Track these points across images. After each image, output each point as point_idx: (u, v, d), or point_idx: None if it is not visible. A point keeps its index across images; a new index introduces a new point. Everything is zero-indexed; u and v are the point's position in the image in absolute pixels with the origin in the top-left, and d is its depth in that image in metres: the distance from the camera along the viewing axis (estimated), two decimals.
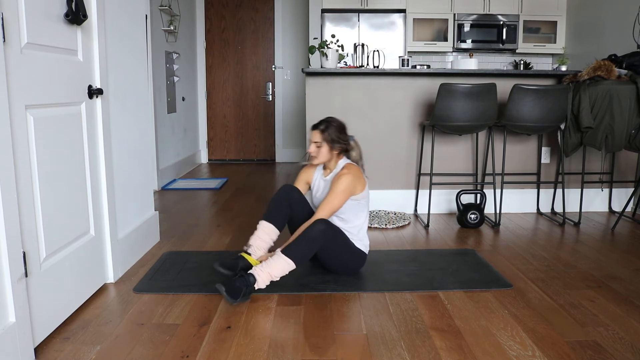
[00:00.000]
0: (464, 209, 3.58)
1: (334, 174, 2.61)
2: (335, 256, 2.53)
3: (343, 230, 2.56)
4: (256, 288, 2.32)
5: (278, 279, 2.36)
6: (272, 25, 6.73)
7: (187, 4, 6.19)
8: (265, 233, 2.57)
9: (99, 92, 2.34)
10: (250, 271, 2.33)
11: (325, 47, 3.81)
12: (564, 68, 4.80)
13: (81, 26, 2.22)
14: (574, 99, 3.52)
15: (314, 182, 2.73)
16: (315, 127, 2.59)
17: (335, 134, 2.56)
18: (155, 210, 3.22)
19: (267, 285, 2.35)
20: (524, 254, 3.01)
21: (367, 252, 2.64)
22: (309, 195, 2.79)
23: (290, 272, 2.41)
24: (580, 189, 3.86)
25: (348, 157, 2.66)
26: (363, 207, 2.61)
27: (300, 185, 2.74)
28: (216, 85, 6.82)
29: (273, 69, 6.82)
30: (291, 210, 2.63)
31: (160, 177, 5.04)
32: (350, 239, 2.56)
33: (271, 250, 2.62)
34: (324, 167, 2.71)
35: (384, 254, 2.96)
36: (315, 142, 2.57)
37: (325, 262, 2.57)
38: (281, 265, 2.33)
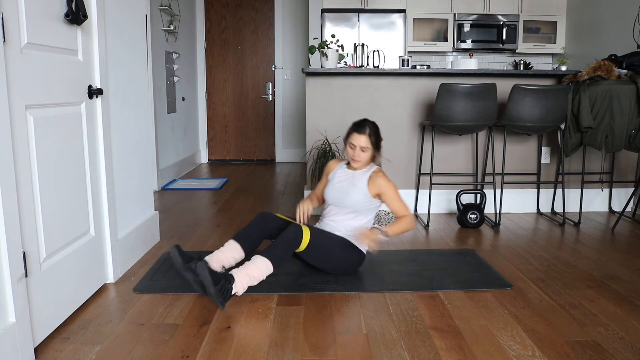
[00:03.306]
0: (464, 209, 3.58)
1: (362, 172, 2.61)
2: (328, 258, 2.54)
3: (345, 228, 2.57)
4: (238, 291, 2.29)
5: (256, 282, 2.33)
6: (272, 25, 6.73)
7: (187, 4, 6.18)
8: (230, 252, 2.47)
9: (99, 92, 2.34)
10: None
11: (325, 47, 3.81)
12: (564, 68, 4.80)
13: (81, 26, 2.22)
14: (574, 99, 3.52)
15: (335, 173, 2.71)
16: (362, 131, 2.52)
17: (379, 138, 2.59)
18: (155, 210, 3.22)
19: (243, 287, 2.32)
20: (524, 254, 3.01)
21: (365, 252, 2.64)
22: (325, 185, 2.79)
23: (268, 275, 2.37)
24: (580, 189, 3.86)
25: (374, 159, 2.65)
26: (375, 209, 2.64)
27: (324, 177, 2.78)
28: (216, 85, 6.82)
29: (273, 69, 6.82)
30: (268, 232, 2.59)
31: (160, 177, 5.04)
32: (348, 238, 2.57)
33: (229, 269, 2.44)
34: (348, 162, 2.71)
35: (384, 254, 2.96)
36: (362, 147, 2.52)
37: (321, 265, 2.57)
38: (259, 268, 2.32)
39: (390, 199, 2.58)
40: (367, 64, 5.23)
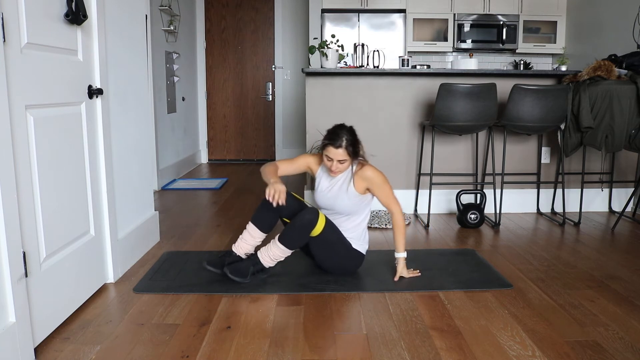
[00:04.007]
0: (464, 209, 3.58)
1: (346, 175, 2.55)
2: (331, 255, 2.54)
3: (342, 230, 2.56)
4: (266, 266, 2.54)
5: (274, 263, 2.53)
6: (272, 25, 6.73)
7: (187, 4, 6.18)
8: (251, 236, 2.60)
9: (99, 92, 2.34)
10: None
11: (325, 47, 3.81)
12: (564, 68, 4.80)
13: (81, 26, 2.22)
14: (574, 99, 3.52)
15: (319, 178, 2.65)
16: (338, 145, 2.43)
17: (355, 144, 2.50)
18: (155, 210, 3.22)
19: (269, 266, 2.54)
20: (524, 254, 3.01)
21: (364, 252, 2.64)
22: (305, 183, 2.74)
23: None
24: (580, 189, 3.86)
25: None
26: (368, 204, 2.61)
27: (297, 165, 2.68)
28: (216, 85, 6.82)
29: (273, 69, 6.82)
30: (280, 212, 2.60)
31: (160, 177, 5.04)
32: (348, 239, 2.56)
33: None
34: None
35: (384, 254, 2.96)
36: (340, 160, 2.46)
37: (321, 261, 2.58)
38: (279, 250, 2.48)
39: (378, 191, 2.53)
40: (367, 64, 5.24)
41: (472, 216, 3.56)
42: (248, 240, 2.60)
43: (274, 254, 2.49)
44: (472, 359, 1.83)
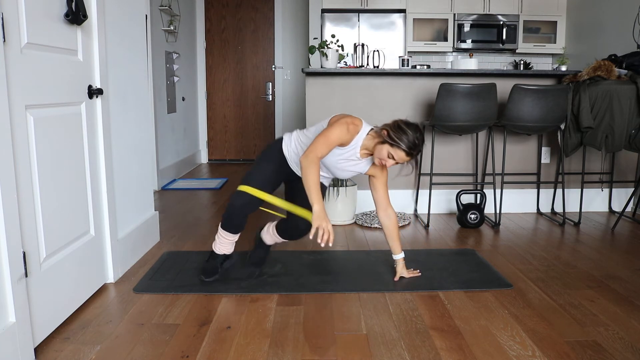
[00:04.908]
0: (464, 209, 3.58)
1: (370, 158, 2.44)
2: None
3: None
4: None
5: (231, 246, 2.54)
6: (272, 25, 6.74)
7: (187, 4, 6.18)
8: (228, 240, 2.53)
9: (99, 92, 2.34)
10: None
11: (325, 47, 3.81)
12: (564, 68, 4.80)
13: (81, 26, 2.22)
14: (574, 99, 3.52)
15: (348, 150, 2.38)
16: (410, 154, 2.27)
17: None
18: (155, 210, 3.22)
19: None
20: (524, 254, 3.01)
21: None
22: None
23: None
24: (580, 189, 3.86)
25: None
26: None
27: (332, 147, 2.31)
28: (216, 85, 6.82)
29: (273, 69, 6.82)
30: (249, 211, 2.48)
31: (160, 177, 5.04)
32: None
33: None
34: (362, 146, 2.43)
35: (383, 254, 2.96)
36: (398, 163, 2.34)
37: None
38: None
39: (382, 184, 2.52)
40: (367, 64, 5.23)
41: (472, 216, 3.56)
42: (226, 244, 2.53)
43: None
44: (472, 359, 1.83)
